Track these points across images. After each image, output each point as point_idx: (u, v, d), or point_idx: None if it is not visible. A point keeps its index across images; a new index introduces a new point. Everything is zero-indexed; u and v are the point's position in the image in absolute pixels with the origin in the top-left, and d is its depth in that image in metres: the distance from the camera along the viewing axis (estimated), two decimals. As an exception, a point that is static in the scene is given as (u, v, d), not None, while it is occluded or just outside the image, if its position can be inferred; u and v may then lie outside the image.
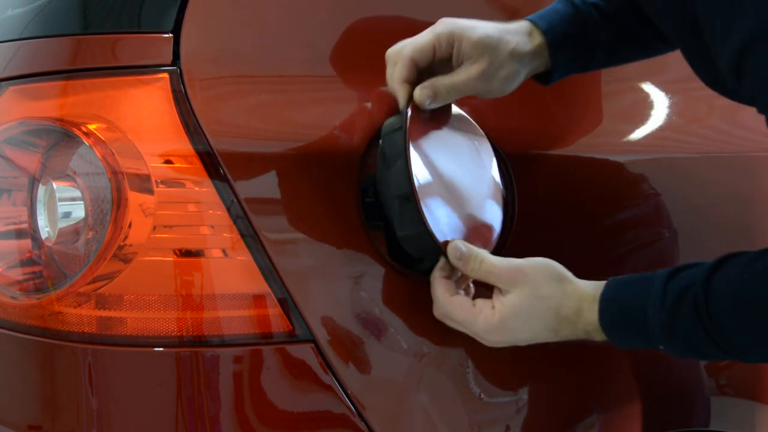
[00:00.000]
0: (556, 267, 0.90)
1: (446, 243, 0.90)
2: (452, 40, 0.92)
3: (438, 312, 0.92)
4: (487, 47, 0.92)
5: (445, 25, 0.93)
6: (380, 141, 0.92)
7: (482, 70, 0.92)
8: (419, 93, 0.92)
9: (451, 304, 0.91)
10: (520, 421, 1.02)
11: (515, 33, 0.96)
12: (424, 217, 0.88)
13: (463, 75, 0.93)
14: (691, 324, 0.82)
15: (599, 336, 0.88)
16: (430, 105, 0.92)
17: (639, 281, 0.87)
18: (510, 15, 1.10)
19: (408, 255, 0.95)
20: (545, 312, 0.88)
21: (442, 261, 0.92)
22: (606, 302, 0.87)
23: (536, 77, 1.00)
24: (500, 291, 0.90)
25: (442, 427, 0.97)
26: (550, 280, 0.89)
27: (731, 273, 0.81)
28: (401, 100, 0.92)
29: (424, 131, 0.92)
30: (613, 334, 0.87)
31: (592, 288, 0.89)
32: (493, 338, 0.90)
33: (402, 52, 0.92)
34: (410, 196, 0.88)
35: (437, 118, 0.95)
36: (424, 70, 0.93)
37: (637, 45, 1.05)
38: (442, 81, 0.93)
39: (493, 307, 0.89)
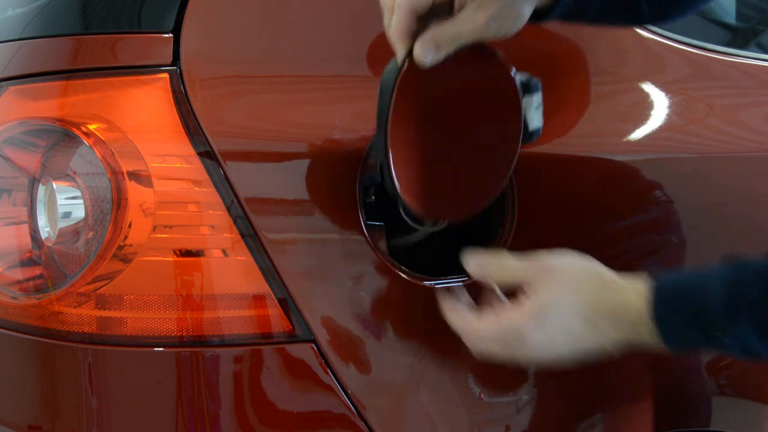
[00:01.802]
0: (585, 257, 0.86)
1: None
2: None
3: (473, 342, 0.86)
4: None
5: None
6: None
7: (490, 15, 0.82)
8: (419, 48, 0.83)
9: (479, 323, 0.85)
10: (520, 421, 1.02)
11: None
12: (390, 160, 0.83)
13: (468, 23, 0.83)
14: (759, 298, 0.76)
15: (644, 328, 0.80)
16: (432, 60, 0.83)
17: (689, 271, 0.82)
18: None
19: (408, 254, 0.95)
20: (581, 303, 0.83)
21: (443, 295, 0.91)
22: (657, 284, 0.81)
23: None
24: (525, 292, 0.85)
25: (442, 427, 0.97)
26: (582, 270, 0.84)
27: None
28: (399, 54, 0.84)
29: (424, 84, 0.85)
30: (665, 321, 0.79)
31: (630, 277, 0.83)
32: (533, 343, 0.83)
33: (401, 3, 0.83)
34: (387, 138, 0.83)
35: (449, 69, 0.86)
36: (422, 16, 0.84)
37: (625, 6, 0.96)
38: (445, 30, 0.83)
39: (523, 305, 0.84)
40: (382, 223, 0.94)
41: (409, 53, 0.84)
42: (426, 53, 0.83)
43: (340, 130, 0.94)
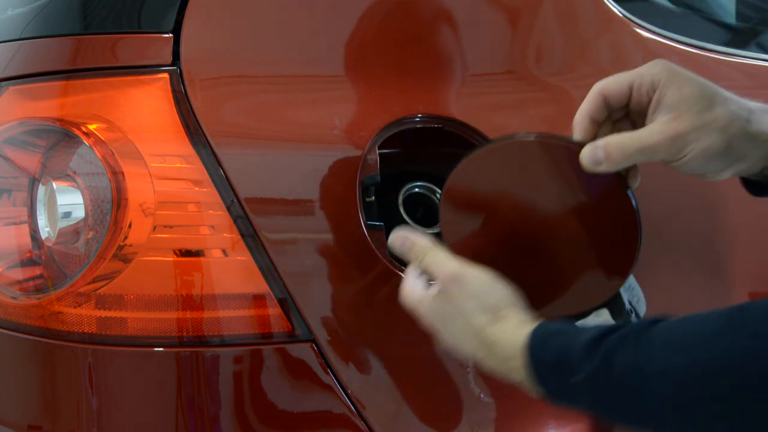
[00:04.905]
0: (505, 292, 0.81)
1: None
2: (656, 84, 0.75)
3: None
4: (698, 102, 0.73)
5: (655, 64, 0.77)
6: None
7: (681, 131, 0.73)
8: (586, 152, 0.76)
9: (402, 289, 0.85)
10: (520, 421, 1.02)
11: (758, 109, 0.76)
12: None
13: (655, 135, 0.74)
14: (624, 339, 0.70)
15: (519, 370, 0.76)
16: (597, 168, 0.76)
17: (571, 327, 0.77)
18: (510, 15, 1.10)
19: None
20: (473, 326, 0.80)
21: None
22: (546, 322, 0.77)
23: (747, 181, 0.82)
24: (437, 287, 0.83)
25: (442, 427, 0.97)
26: (484, 307, 0.80)
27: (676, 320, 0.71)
28: (575, 134, 0.79)
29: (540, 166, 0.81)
30: (535, 348, 0.75)
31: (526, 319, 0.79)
32: (442, 336, 0.83)
33: (595, 85, 0.78)
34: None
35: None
36: (616, 112, 0.80)
37: None
38: (622, 140, 0.75)
39: (434, 300, 0.82)
40: (382, 223, 0.94)
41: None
42: (590, 159, 0.76)
43: (340, 130, 0.94)
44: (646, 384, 0.68)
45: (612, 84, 0.78)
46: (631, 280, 0.88)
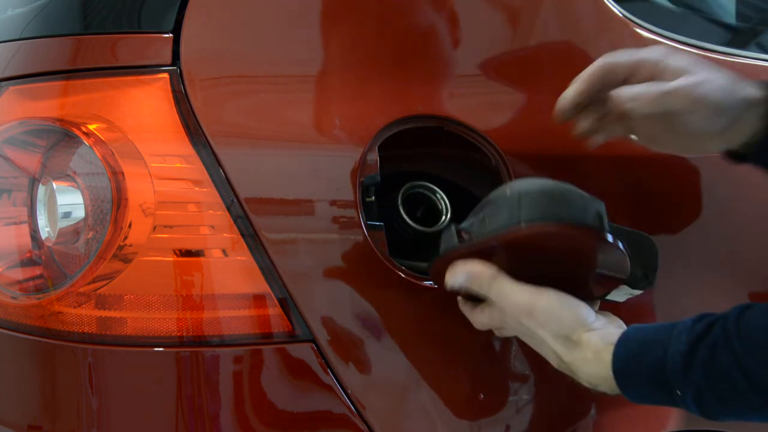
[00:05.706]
0: (571, 317, 0.83)
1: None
2: (659, 62, 0.85)
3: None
4: (702, 61, 0.85)
5: (656, 48, 0.87)
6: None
7: (697, 79, 0.82)
8: (621, 92, 0.85)
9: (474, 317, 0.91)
10: (520, 421, 1.02)
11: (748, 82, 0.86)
12: None
13: (674, 82, 0.83)
14: (716, 346, 0.73)
15: (611, 391, 0.81)
16: (627, 104, 0.84)
17: (660, 326, 0.80)
18: (510, 15, 1.10)
19: (407, 253, 0.95)
20: (555, 344, 0.84)
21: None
22: (622, 340, 0.80)
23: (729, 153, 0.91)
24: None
25: (442, 427, 0.97)
26: (555, 336, 0.84)
27: (763, 308, 0.74)
28: (567, 95, 0.89)
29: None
30: (625, 374, 0.79)
31: (607, 323, 0.83)
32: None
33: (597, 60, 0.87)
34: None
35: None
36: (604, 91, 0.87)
37: None
38: (647, 86, 0.84)
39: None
40: (382, 223, 0.94)
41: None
42: (625, 96, 0.84)
43: (340, 130, 0.94)
44: (755, 381, 0.72)
45: (613, 59, 0.87)
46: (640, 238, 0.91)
